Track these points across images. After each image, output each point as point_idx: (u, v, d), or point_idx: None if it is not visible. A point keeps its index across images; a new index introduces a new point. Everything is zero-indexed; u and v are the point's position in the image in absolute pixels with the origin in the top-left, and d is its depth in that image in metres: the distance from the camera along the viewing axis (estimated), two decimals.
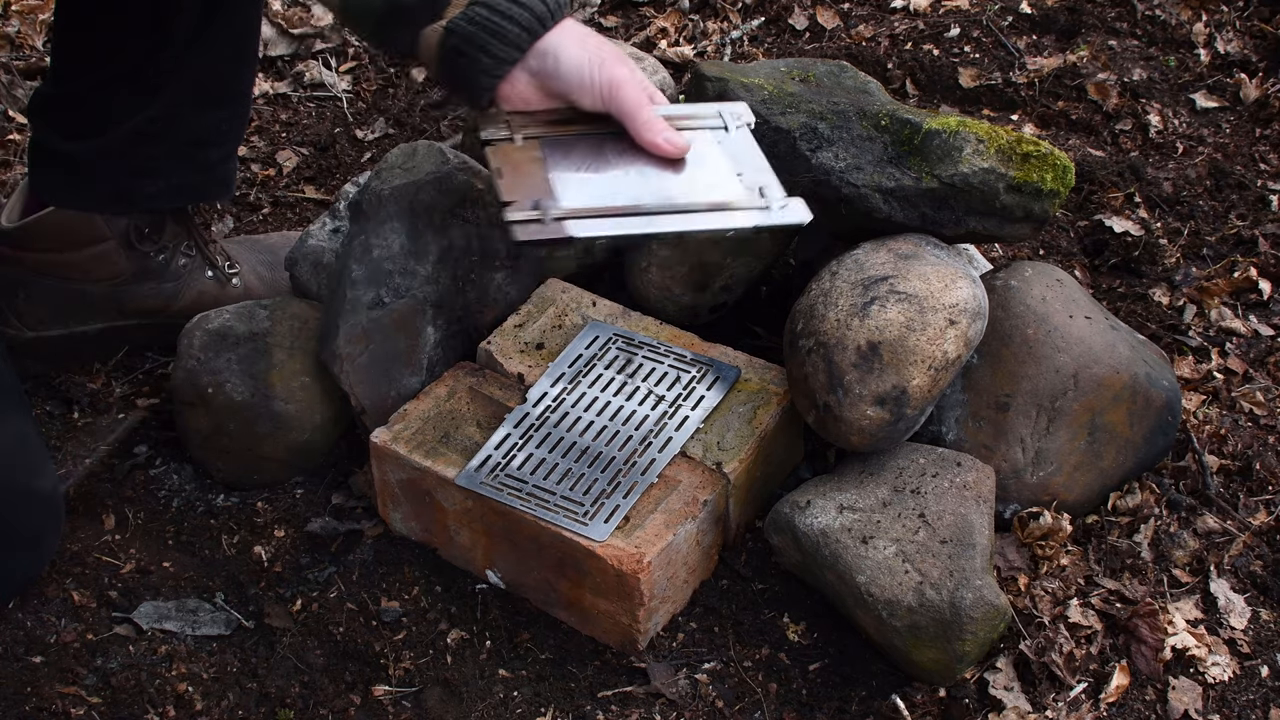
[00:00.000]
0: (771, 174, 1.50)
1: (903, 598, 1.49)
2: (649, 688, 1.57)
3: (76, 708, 1.56)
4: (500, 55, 1.43)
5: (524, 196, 1.42)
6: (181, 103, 1.81)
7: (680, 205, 1.44)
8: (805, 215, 1.46)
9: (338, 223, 1.90)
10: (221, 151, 1.92)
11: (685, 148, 1.48)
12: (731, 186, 1.47)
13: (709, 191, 1.46)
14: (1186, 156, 2.32)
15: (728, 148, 1.52)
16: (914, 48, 2.56)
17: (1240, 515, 1.70)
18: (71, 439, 1.90)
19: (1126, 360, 1.67)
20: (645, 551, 1.52)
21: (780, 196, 1.46)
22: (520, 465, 1.62)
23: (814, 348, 1.56)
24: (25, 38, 2.74)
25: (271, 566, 1.73)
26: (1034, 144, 1.65)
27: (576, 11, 2.77)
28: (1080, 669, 1.54)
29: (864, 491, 1.57)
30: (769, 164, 1.51)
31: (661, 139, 1.47)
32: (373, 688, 1.59)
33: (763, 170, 1.50)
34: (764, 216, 1.44)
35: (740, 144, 1.53)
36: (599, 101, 1.46)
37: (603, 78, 1.44)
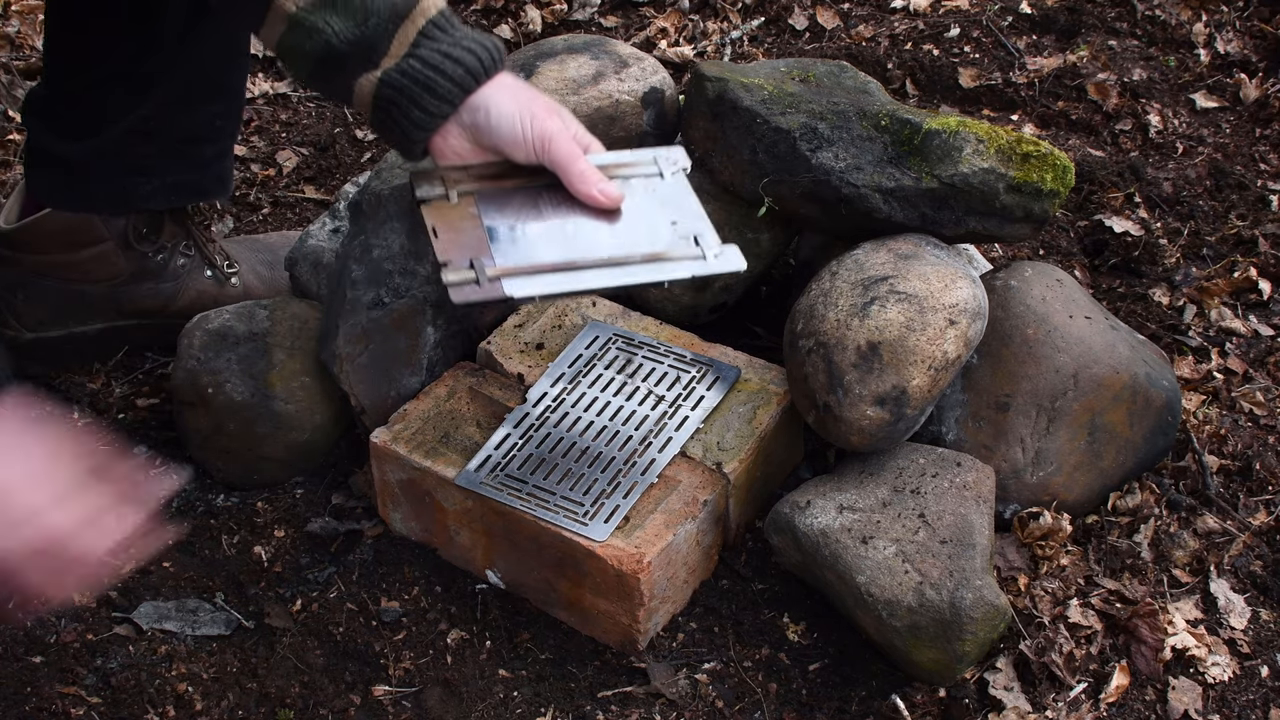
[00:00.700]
0: (705, 221, 1.50)
1: (903, 598, 1.48)
2: (649, 688, 1.57)
3: (76, 708, 1.56)
4: (432, 110, 1.43)
5: (459, 256, 1.42)
6: (174, 100, 1.81)
7: (615, 259, 1.44)
8: (740, 263, 1.46)
9: (338, 223, 1.90)
10: (216, 148, 1.92)
11: (619, 198, 1.48)
12: (665, 236, 1.47)
13: (643, 243, 1.46)
14: (1186, 156, 2.32)
15: (662, 195, 1.51)
16: (914, 48, 2.56)
17: (1240, 515, 1.70)
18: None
19: (1126, 360, 1.67)
20: (645, 551, 1.52)
21: (715, 244, 1.47)
22: (520, 465, 1.62)
23: (814, 348, 1.56)
24: (25, 38, 2.74)
25: (271, 566, 1.73)
26: (1034, 144, 1.65)
27: (578, 11, 2.77)
28: (1080, 669, 1.54)
29: (864, 491, 1.57)
30: (702, 210, 1.51)
31: (596, 190, 1.47)
32: (373, 688, 1.59)
33: (697, 217, 1.50)
34: (699, 266, 1.45)
35: (675, 190, 1.53)
36: (533, 155, 1.46)
37: (535, 131, 1.44)
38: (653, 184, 1.52)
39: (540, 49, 1.87)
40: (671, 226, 1.48)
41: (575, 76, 1.81)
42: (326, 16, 1.39)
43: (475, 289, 1.39)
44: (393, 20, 1.41)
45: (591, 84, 1.81)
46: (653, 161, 1.54)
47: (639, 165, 1.54)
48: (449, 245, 1.43)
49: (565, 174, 1.46)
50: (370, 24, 1.40)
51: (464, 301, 1.39)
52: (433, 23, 1.42)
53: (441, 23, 1.43)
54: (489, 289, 1.39)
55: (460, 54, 1.42)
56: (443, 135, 1.46)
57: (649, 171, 1.53)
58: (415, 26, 1.41)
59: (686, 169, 1.55)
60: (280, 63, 1.53)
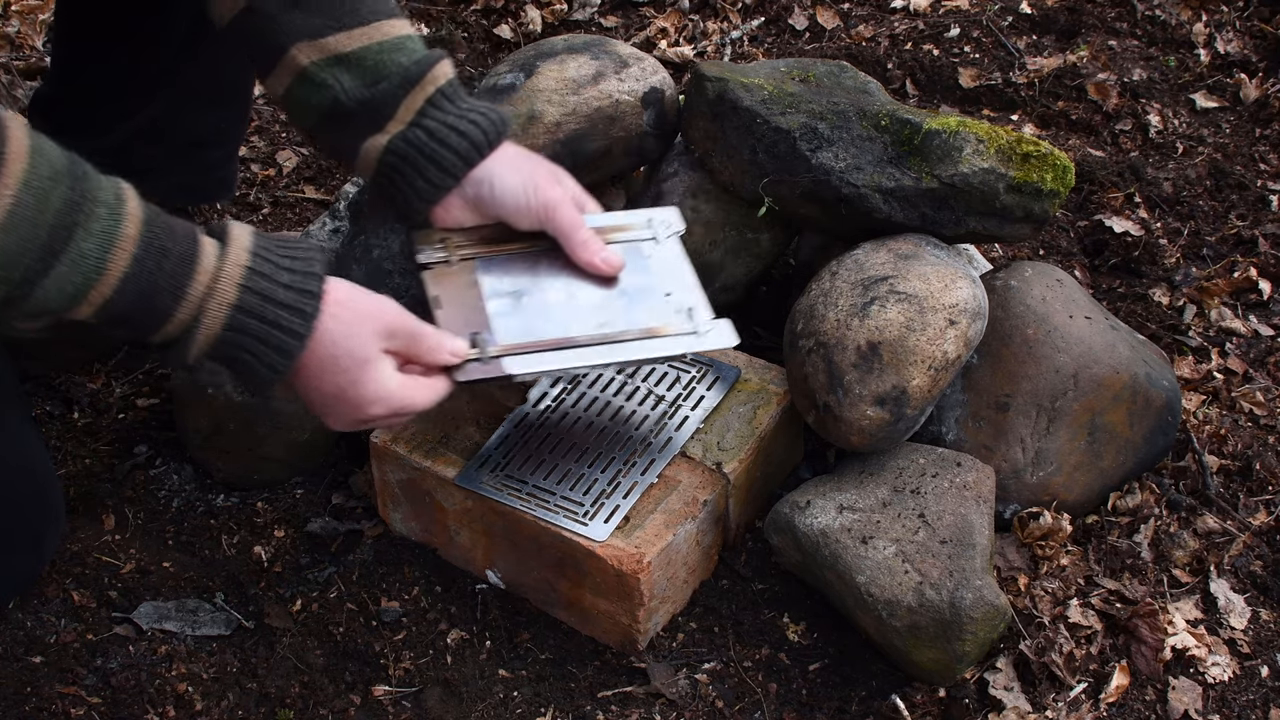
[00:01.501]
0: (699, 292, 1.53)
1: (903, 598, 1.49)
2: (649, 688, 1.57)
3: (76, 708, 1.56)
4: (436, 182, 1.44)
5: (462, 329, 1.43)
6: (182, 103, 1.81)
7: (612, 335, 1.47)
8: (732, 339, 1.50)
9: (338, 223, 1.90)
10: (222, 152, 1.92)
11: (620, 266, 1.51)
12: (660, 310, 1.50)
13: (639, 316, 1.49)
14: (1186, 156, 2.32)
15: (656, 262, 1.54)
16: (914, 48, 2.56)
17: (1240, 515, 1.70)
18: (71, 439, 1.90)
19: (1126, 360, 1.67)
20: (645, 551, 1.52)
21: (707, 319, 1.50)
22: (520, 465, 1.62)
23: (814, 348, 1.56)
24: (25, 38, 2.74)
25: (271, 566, 1.73)
26: (1034, 144, 1.65)
27: (578, 11, 2.77)
28: (1080, 669, 1.54)
29: (864, 492, 1.57)
30: (695, 280, 1.54)
31: (598, 260, 1.48)
32: (373, 688, 1.59)
33: (690, 289, 1.53)
34: (693, 342, 1.49)
35: (669, 257, 1.55)
36: (536, 224, 1.47)
37: (538, 201, 1.45)
38: (647, 248, 1.55)
39: (540, 49, 1.87)
40: (665, 299, 1.51)
41: (575, 76, 1.81)
42: (337, 73, 1.40)
43: (478, 367, 1.41)
44: (403, 86, 1.41)
45: (591, 84, 1.81)
46: (647, 224, 1.57)
47: (633, 229, 1.56)
48: (452, 318, 1.45)
49: (568, 242, 1.48)
50: (380, 87, 1.41)
51: (466, 380, 1.40)
52: (441, 92, 1.43)
53: (450, 92, 1.44)
54: (490, 367, 1.41)
55: (465, 126, 1.43)
56: (444, 206, 1.47)
57: (643, 235, 1.56)
58: (424, 95, 1.42)
59: (680, 232, 1.58)
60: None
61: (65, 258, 1.12)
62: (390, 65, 1.41)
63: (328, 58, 1.39)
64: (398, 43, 1.42)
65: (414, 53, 1.42)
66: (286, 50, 1.39)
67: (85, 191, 1.14)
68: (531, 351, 1.43)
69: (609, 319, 1.48)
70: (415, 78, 1.41)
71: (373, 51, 1.40)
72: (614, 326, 1.47)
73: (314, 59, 1.39)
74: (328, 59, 1.40)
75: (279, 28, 1.39)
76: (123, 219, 1.15)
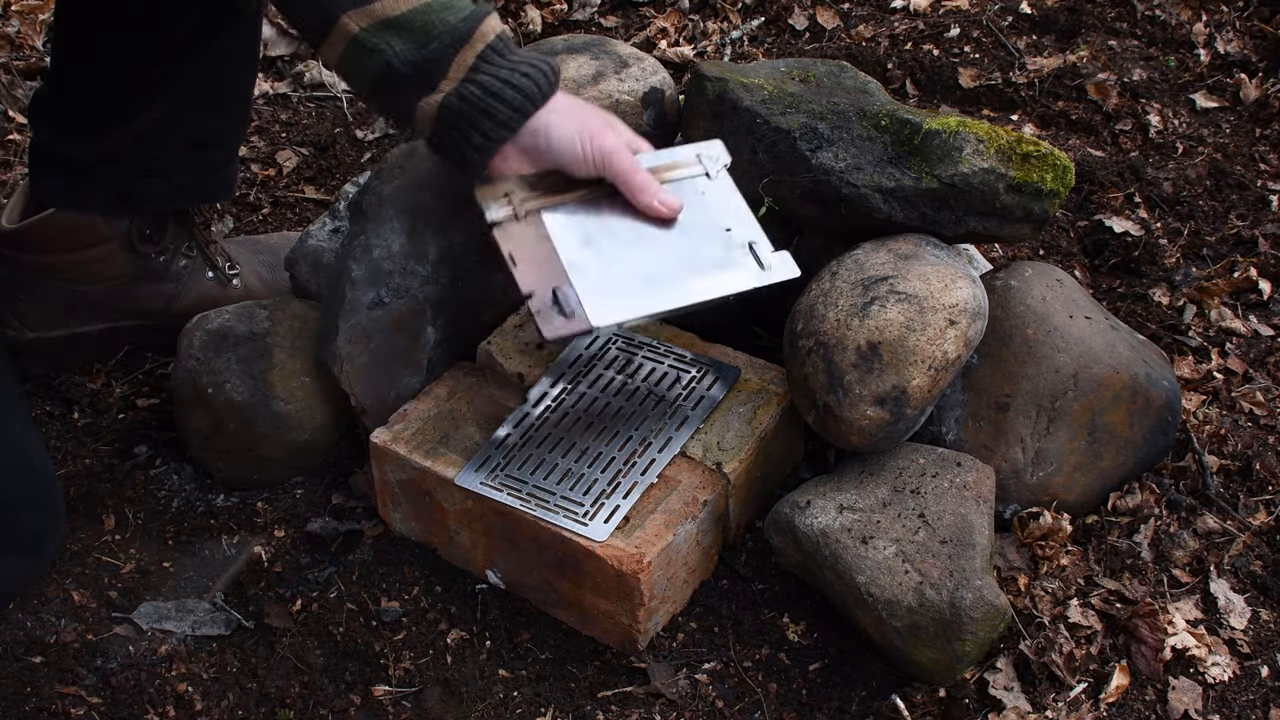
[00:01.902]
0: (757, 226, 1.56)
1: (903, 598, 1.49)
2: (649, 688, 1.57)
3: (76, 708, 1.56)
4: (492, 135, 1.48)
5: (542, 285, 1.46)
6: (182, 104, 1.81)
7: (684, 275, 1.49)
8: (795, 270, 1.53)
9: (338, 223, 1.90)
10: (223, 153, 1.92)
11: (678, 208, 1.55)
12: (724, 246, 1.53)
13: (705, 255, 1.52)
14: (1186, 156, 2.32)
15: (711, 198, 1.57)
16: (914, 48, 2.56)
17: (1240, 515, 1.70)
18: (71, 439, 1.90)
19: (1126, 360, 1.67)
20: (645, 551, 1.52)
21: (769, 252, 1.53)
22: (520, 465, 1.62)
23: (814, 348, 1.56)
24: (25, 38, 2.74)
25: (271, 566, 1.73)
26: (1034, 144, 1.65)
27: (578, 11, 2.77)
28: (1080, 669, 1.54)
29: (864, 492, 1.57)
30: (750, 213, 1.57)
31: (657, 202, 1.53)
32: (373, 688, 1.59)
33: (748, 223, 1.56)
34: (761, 277, 1.52)
35: (722, 191, 1.58)
36: (593, 172, 1.52)
37: (595, 149, 1.50)
38: (700, 185, 1.58)
39: (540, 49, 1.87)
40: (726, 234, 1.53)
41: (575, 76, 1.81)
42: (388, 38, 1.43)
43: (565, 322, 1.43)
44: (453, 45, 1.44)
45: (591, 84, 1.81)
46: (696, 160, 1.59)
47: (685, 166, 1.59)
48: (530, 274, 1.47)
49: (626, 186, 1.52)
50: (431, 47, 1.43)
51: (555, 336, 1.43)
52: (491, 47, 1.46)
53: (500, 47, 1.47)
54: (577, 321, 1.44)
55: (518, 79, 1.46)
56: (502, 157, 1.51)
57: (695, 171, 1.59)
58: (474, 51, 1.45)
59: (728, 164, 1.60)
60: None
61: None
62: (439, 25, 1.43)
63: (377, 22, 1.42)
64: (446, 1, 1.44)
65: (462, 10, 1.45)
66: (337, 19, 1.42)
67: None
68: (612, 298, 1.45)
69: (679, 260, 1.50)
70: (465, 35, 1.44)
71: (420, 12, 1.43)
72: (685, 267, 1.50)
73: (364, 25, 1.42)
74: (377, 24, 1.42)
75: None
76: None
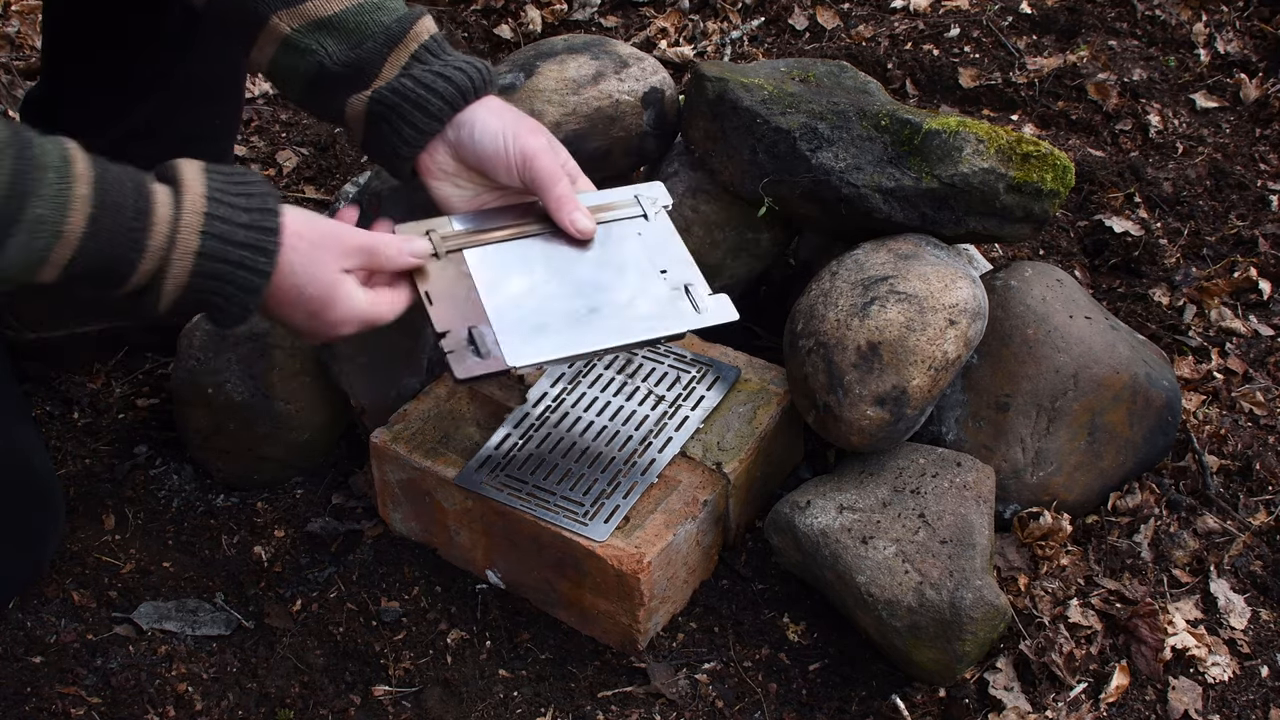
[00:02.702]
0: (694, 268, 1.49)
1: (903, 598, 1.49)
2: (649, 688, 1.57)
3: (76, 708, 1.56)
4: (422, 127, 1.43)
5: (458, 324, 1.40)
6: (175, 100, 1.81)
7: (611, 316, 1.43)
8: (731, 314, 1.46)
9: None
10: (217, 148, 1.92)
11: (590, 232, 1.47)
12: (658, 289, 1.46)
13: (637, 298, 1.45)
14: (1186, 156, 2.32)
15: (648, 239, 1.50)
16: (914, 48, 2.56)
17: (1240, 515, 1.70)
18: (71, 439, 1.90)
19: (1126, 360, 1.67)
20: (645, 551, 1.52)
21: (705, 294, 1.46)
22: (520, 465, 1.62)
23: (814, 348, 1.56)
24: (25, 38, 2.75)
25: (271, 566, 1.73)
26: (1034, 144, 1.65)
27: (578, 11, 2.77)
28: (1080, 669, 1.54)
29: (864, 492, 1.57)
30: (689, 255, 1.50)
31: (568, 219, 1.46)
32: (373, 688, 1.59)
33: (685, 264, 1.49)
34: (694, 320, 1.45)
35: (660, 233, 1.52)
36: (513, 172, 1.45)
37: (517, 148, 1.44)
38: (638, 226, 1.51)
39: (540, 49, 1.87)
40: (662, 276, 1.47)
41: (575, 76, 1.81)
42: (320, 39, 1.41)
43: (479, 362, 1.38)
44: (387, 44, 1.42)
45: (591, 84, 1.81)
46: (635, 201, 1.53)
47: (622, 207, 1.52)
48: (446, 313, 1.41)
49: (545, 194, 1.45)
50: (365, 46, 1.41)
51: (468, 376, 1.38)
52: (424, 47, 1.44)
53: (433, 47, 1.44)
54: (492, 361, 1.38)
55: (451, 72, 1.43)
56: (429, 152, 1.46)
57: (633, 213, 1.52)
58: (408, 50, 1.43)
59: (668, 206, 1.54)
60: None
61: (22, 226, 1.15)
62: (372, 25, 1.41)
63: (309, 23, 1.40)
64: (378, 2, 1.42)
65: (395, 11, 1.43)
66: (267, 20, 1.40)
67: (32, 159, 1.16)
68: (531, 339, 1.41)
69: (606, 301, 1.45)
70: (399, 35, 1.42)
71: (353, 13, 1.41)
72: (611, 308, 1.44)
73: (295, 25, 1.40)
74: (309, 24, 1.40)
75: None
76: (73, 181, 1.18)
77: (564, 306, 1.43)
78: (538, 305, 1.43)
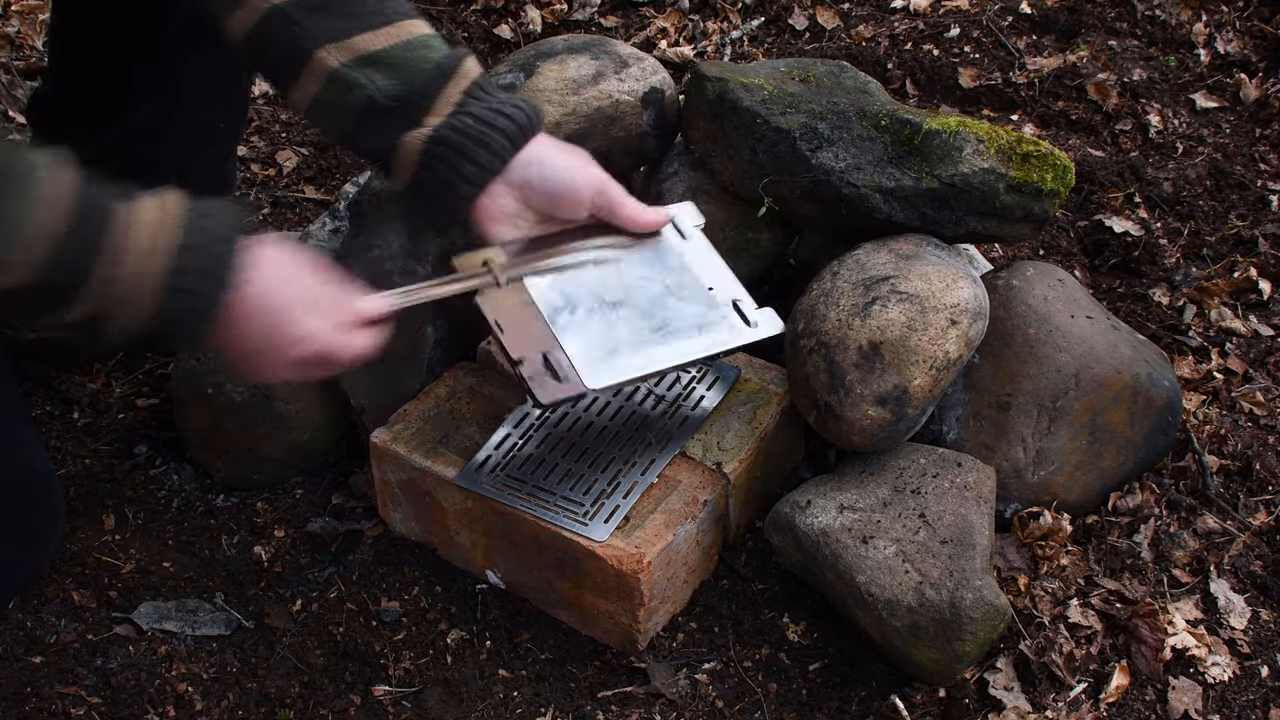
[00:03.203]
0: (738, 284, 1.56)
1: (903, 598, 1.48)
2: (649, 688, 1.57)
3: (76, 708, 1.56)
4: (485, 164, 1.41)
5: (531, 351, 1.44)
6: (179, 102, 1.81)
7: (671, 336, 1.49)
8: (779, 326, 1.53)
9: (338, 223, 1.90)
10: (221, 150, 1.92)
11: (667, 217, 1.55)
12: (709, 305, 1.52)
13: (691, 314, 1.51)
14: (1186, 156, 2.32)
15: (691, 258, 1.56)
16: (914, 48, 2.56)
17: (1240, 515, 1.70)
18: (71, 439, 1.90)
19: (1128, 360, 1.67)
20: (645, 551, 1.52)
21: (753, 309, 1.53)
22: (520, 465, 1.62)
23: (815, 347, 1.56)
24: (25, 38, 2.75)
25: (271, 566, 1.73)
26: (1034, 144, 1.65)
27: (578, 11, 2.77)
28: (1080, 669, 1.54)
29: (864, 491, 1.57)
30: (731, 272, 1.56)
31: (651, 218, 1.52)
32: (373, 688, 1.59)
33: (730, 281, 1.55)
34: (747, 334, 1.51)
35: (700, 251, 1.57)
36: (586, 204, 1.47)
37: (588, 180, 1.46)
38: (678, 245, 1.56)
39: (540, 49, 1.87)
40: (709, 293, 1.53)
41: (575, 76, 1.81)
42: (369, 73, 1.39)
43: (559, 386, 1.42)
44: (439, 79, 1.40)
45: (591, 84, 1.81)
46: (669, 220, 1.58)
47: None
48: (518, 341, 1.45)
49: (624, 209, 1.49)
50: (417, 82, 1.40)
51: (551, 401, 1.42)
52: (476, 84, 1.42)
53: (484, 84, 1.43)
54: (572, 385, 1.42)
55: (510, 110, 1.42)
56: (489, 194, 1.44)
57: (671, 234, 1.57)
58: (460, 87, 1.41)
59: (701, 224, 1.59)
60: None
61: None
62: (420, 62, 1.40)
63: (357, 58, 1.38)
64: (424, 40, 1.42)
65: (440, 50, 1.42)
66: (313, 54, 1.38)
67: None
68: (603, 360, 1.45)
69: (665, 320, 1.50)
70: (449, 71, 1.41)
71: (400, 49, 1.40)
72: (672, 326, 1.49)
73: (344, 60, 1.38)
74: (357, 59, 1.38)
75: (304, 32, 1.38)
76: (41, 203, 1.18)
77: (629, 328, 1.49)
78: (601, 328, 1.48)
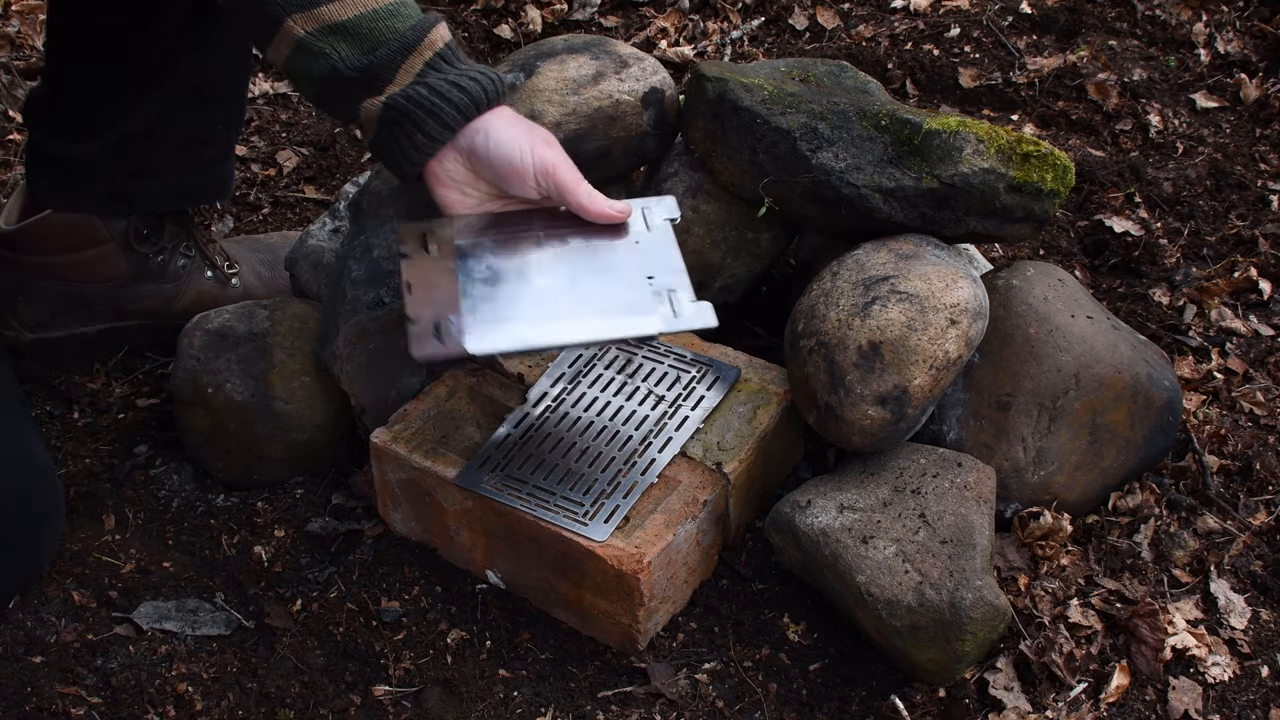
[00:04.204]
0: (683, 275, 1.49)
1: (903, 598, 1.48)
2: (649, 688, 1.57)
3: (76, 708, 1.56)
4: (434, 134, 1.45)
5: (427, 313, 1.43)
6: (177, 102, 1.81)
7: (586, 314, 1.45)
8: (711, 320, 1.45)
9: (338, 223, 1.90)
10: (218, 151, 1.92)
11: (626, 210, 1.52)
12: (638, 292, 1.47)
13: (616, 298, 1.47)
14: (1186, 156, 2.32)
15: (643, 247, 1.52)
16: (914, 48, 2.56)
17: (1240, 515, 1.70)
18: (71, 439, 1.90)
19: (1128, 360, 1.67)
20: (645, 552, 1.52)
21: (688, 301, 1.46)
22: (520, 465, 1.62)
23: (815, 347, 1.56)
24: (25, 38, 2.75)
25: (271, 566, 1.73)
26: (1034, 144, 1.65)
27: (578, 11, 2.77)
28: (1080, 669, 1.54)
29: (864, 491, 1.57)
30: (682, 264, 1.51)
31: (607, 207, 1.50)
32: (373, 688, 1.59)
33: (675, 272, 1.50)
34: (666, 324, 1.44)
35: (658, 242, 1.53)
36: (531, 182, 1.48)
37: (537, 159, 1.47)
38: (637, 235, 1.54)
39: (540, 49, 1.87)
40: (647, 281, 1.49)
41: (575, 76, 1.81)
42: (334, 43, 1.42)
43: (436, 345, 1.41)
44: (401, 51, 1.43)
45: (591, 84, 1.81)
46: (639, 212, 1.56)
47: None
48: (419, 302, 1.45)
49: (573, 196, 1.49)
50: (378, 54, 1.43)
51: (425, 357, 1.41)
52: (439, 55, 1.45)
53: (448, 55, 1.46)
54: (449, 346, 1.41)
55: (466, 83, 1.45)
56: (439, 159, 1.48)
57: (635, 222, 1.55)
58: (422, 58, 1.45)
59: (675, 219, 1.56)
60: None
61: None
62: (387, 32, 1.43)
63: (323, 27, 1.41)
64: (392, 8, 1.43)
65: (410, 18, 1.44)
66: (282, 22, 1.41)
67: None
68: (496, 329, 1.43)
69: (586, 300, 1.46)
70: (413, 42, 1.44)
71: (368, 19, 1.42)
72: (588, 307, 1.46)
73: (310, 29, 1.41)
74: (323, 28, 1.41)
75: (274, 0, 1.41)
76: None
77: (539, 302, 1.46)
78: (511, 300, 1.46)
